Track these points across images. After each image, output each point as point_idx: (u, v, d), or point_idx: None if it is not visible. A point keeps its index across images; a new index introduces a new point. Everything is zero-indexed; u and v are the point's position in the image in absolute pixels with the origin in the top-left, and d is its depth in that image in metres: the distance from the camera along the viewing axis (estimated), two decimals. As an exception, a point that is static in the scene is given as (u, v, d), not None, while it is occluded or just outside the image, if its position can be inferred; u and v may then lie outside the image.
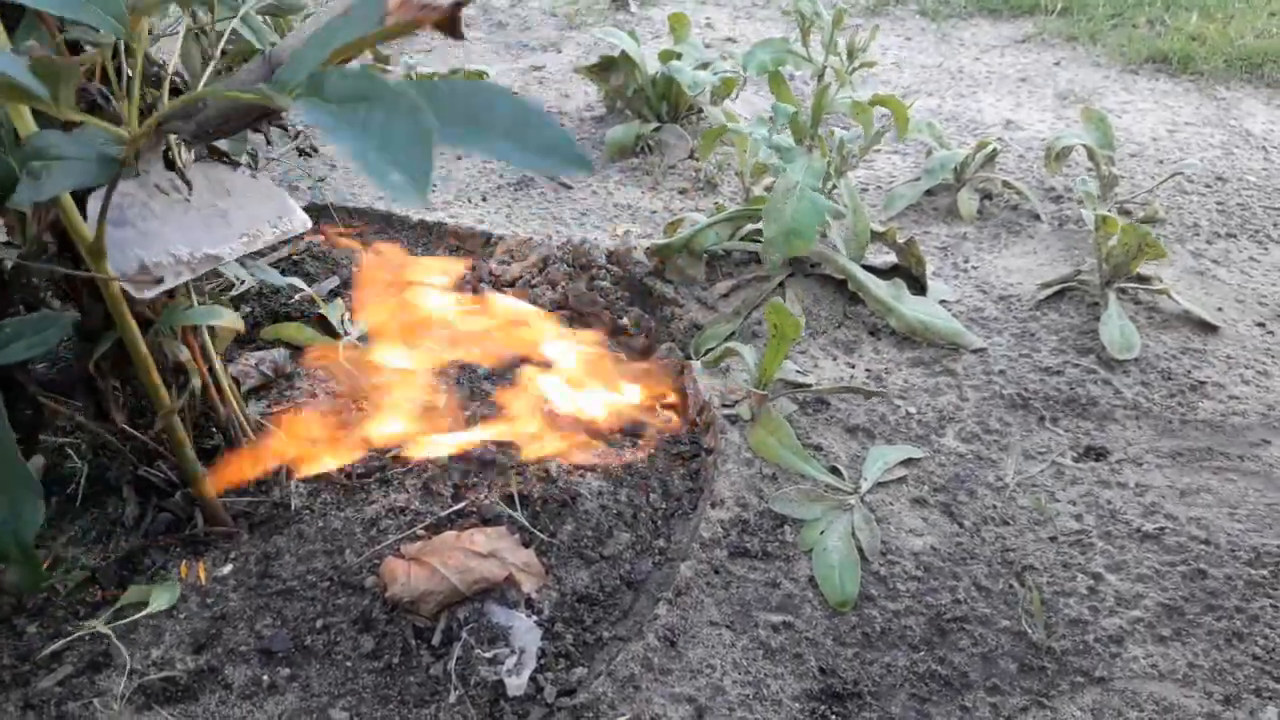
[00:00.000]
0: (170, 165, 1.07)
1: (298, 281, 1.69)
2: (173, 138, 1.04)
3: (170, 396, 1.13)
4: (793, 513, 1.33)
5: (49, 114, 0.70)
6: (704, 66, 2.45)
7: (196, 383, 1.19)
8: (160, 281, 1.00)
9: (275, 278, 1.41)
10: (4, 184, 0.92)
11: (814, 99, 1.78)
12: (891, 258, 1.90)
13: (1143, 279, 1.83)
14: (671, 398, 1.59)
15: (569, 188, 2.28)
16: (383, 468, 1.39)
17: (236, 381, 1.51)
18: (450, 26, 0.71)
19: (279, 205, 1.14)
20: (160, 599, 1.16)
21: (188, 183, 1.06)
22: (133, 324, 1.01)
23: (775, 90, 1.96)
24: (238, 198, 1.08)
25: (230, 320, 1.17)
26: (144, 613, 1.15)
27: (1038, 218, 2.15)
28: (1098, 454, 1.47)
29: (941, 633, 1.18)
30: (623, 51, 2.49)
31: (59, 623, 1.15)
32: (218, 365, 1.26)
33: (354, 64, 0.81)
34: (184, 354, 1.17)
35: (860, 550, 1.27)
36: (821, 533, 1.29)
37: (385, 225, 2.07)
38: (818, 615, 1.20)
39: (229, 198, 1.09)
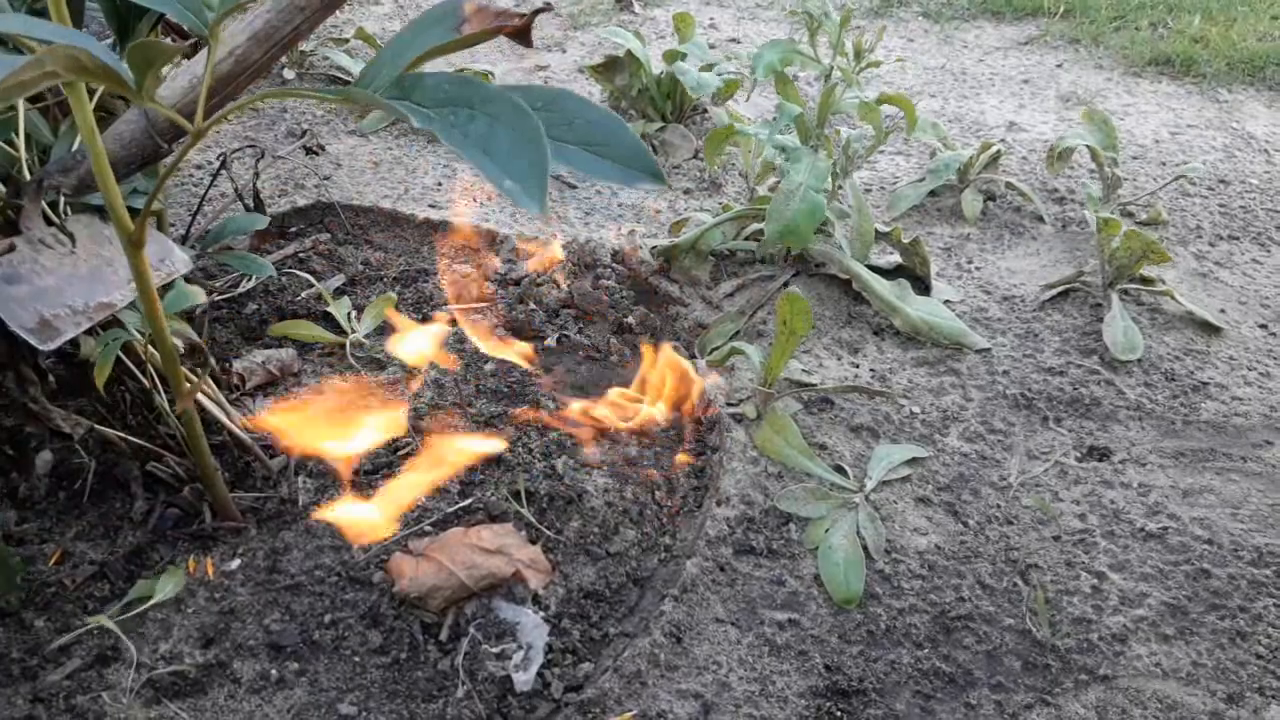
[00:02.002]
0: (49, 221, 1.09)
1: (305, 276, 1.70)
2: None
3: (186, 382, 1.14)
4: (798, 511, 1.34)
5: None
6: (709, 67, 2.45)
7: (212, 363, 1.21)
8: (60, 333, 1.03)
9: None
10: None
11: (820, 99, 1.79)
12: (896, 258, 1.91)
13: (1146, 280, 1.84)
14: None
15: (573, 187, 2.28)
16: (390, 464, 1.39)
17: (242, 378, 1.51)
18: (523, 35, 0.71)
19: (160, 249, 1.18)
20: (165, 587, 1.17)
21: (70, 235, 1.09)
22: (161, 312, 1.02)
23: (781, 90, 1.97)
24: (120, 246, 1.10)
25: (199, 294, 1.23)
26: (150, 603, 1.15)
27: (1041, 219, 2.15)
28: (1101, 454, 1.47)
29: (946, 630, 1.19)
30: (628, 51, 2.49)
31: (67, 617, 1.16)
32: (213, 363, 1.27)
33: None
34: (196, 337, 1.19)
35: (865, 548, 1.28)
36: (826, 531, 1.30)
37: (391, 223, 2.07)
38: (823, 613, 1.21)
39: (111, 245, 1.12)
